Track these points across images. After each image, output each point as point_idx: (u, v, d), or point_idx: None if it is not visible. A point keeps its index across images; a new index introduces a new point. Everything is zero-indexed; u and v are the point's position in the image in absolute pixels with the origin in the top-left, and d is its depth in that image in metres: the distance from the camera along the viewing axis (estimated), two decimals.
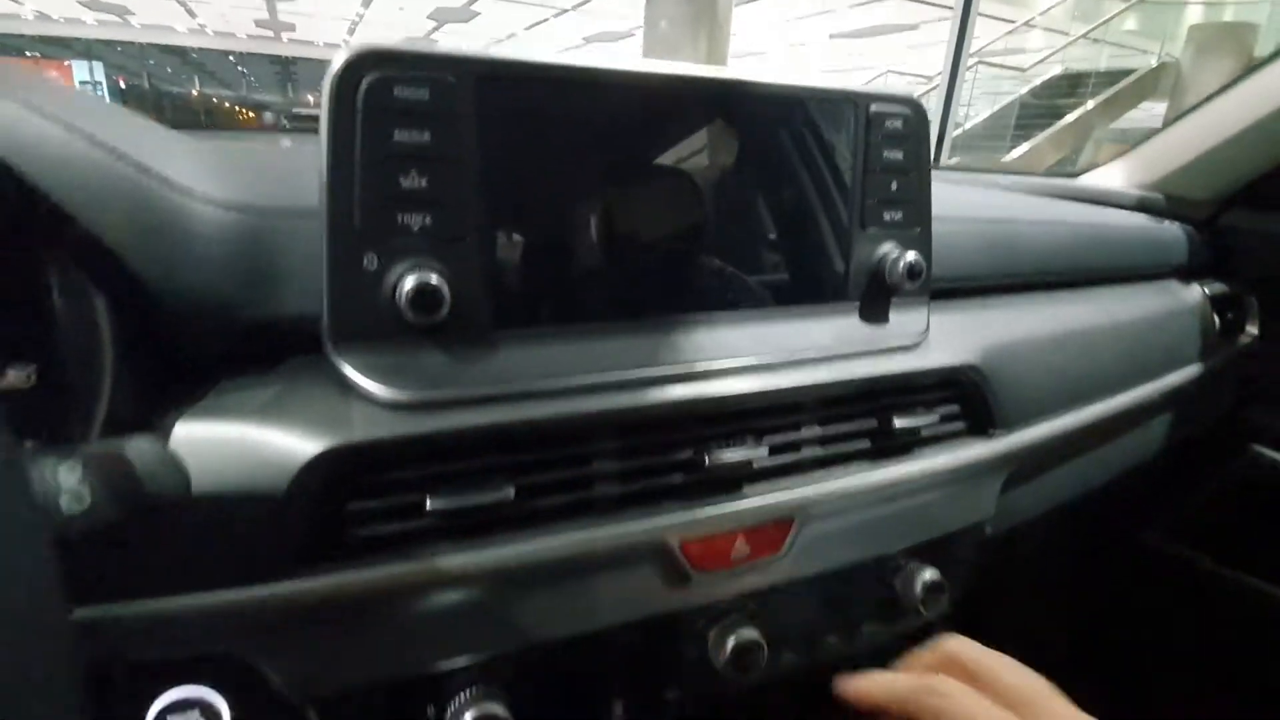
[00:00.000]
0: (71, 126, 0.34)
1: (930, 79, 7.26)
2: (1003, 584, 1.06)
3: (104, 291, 0.34)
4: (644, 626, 0.45)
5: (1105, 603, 1.11)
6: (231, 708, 0.38)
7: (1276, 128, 0.86)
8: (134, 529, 0.27)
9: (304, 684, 0.37)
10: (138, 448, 0.25)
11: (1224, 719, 1.03)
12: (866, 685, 0.37)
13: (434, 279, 0.36)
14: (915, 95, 0.51)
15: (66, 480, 0.24)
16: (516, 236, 0.41)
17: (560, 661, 0.43)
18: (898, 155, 0.50)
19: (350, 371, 0.38)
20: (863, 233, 0.51)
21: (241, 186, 0.41)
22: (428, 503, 0.37)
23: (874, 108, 0.49)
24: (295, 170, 0.45)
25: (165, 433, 0.34)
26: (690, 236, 0.47)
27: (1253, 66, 0.89)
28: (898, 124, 0.50)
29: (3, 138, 0.32)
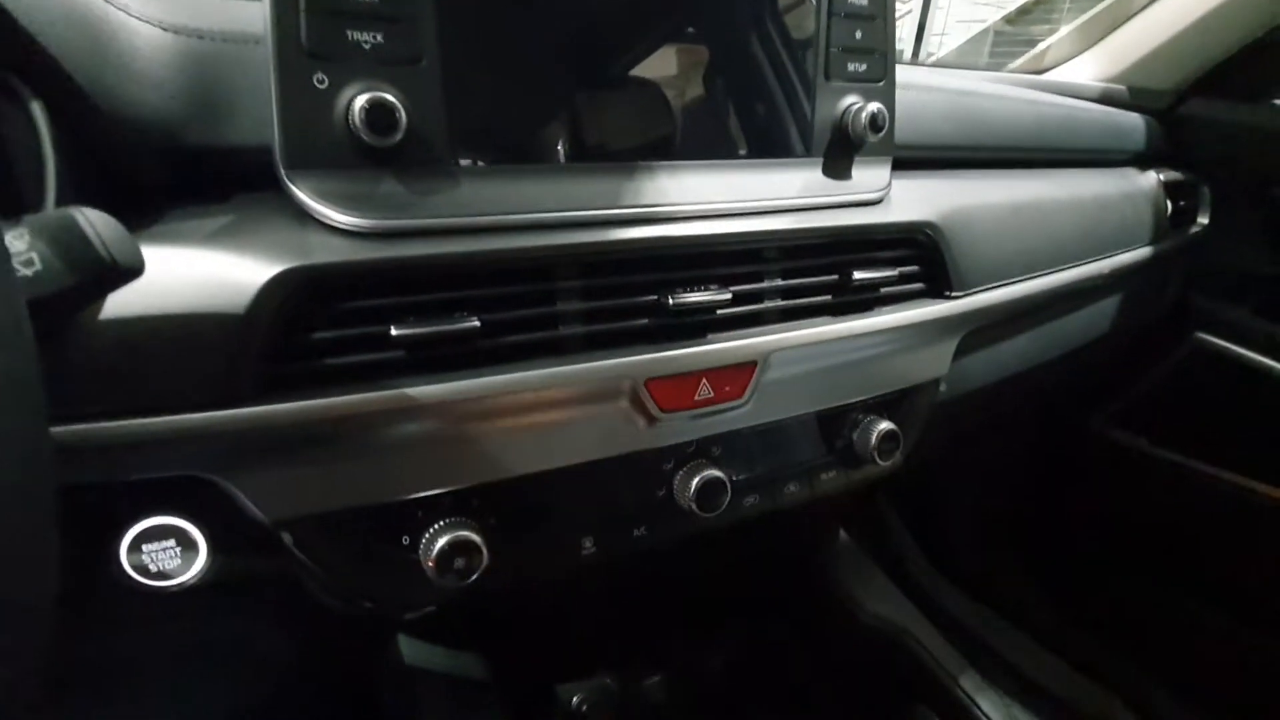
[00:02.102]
0: None
1: (906, 1, 7.08)
2: (956, 466, 1.12)
3: (39, 97, 0.32)
4: (613, 464, 0.46)
5: (1052, 485, 1.18)
6: (207, 536, 0.38)
7: (1232, 13, 0.87)
8: (90, 296, 0.27)
9: (277, 509, 0.38)
10: (85, 215, 0.25)
11: (1161, 594, 1.11)
12: None
13: (388, 97, 0.35)
14: None
15: (14, 245, 0.23)
16: (476, 63, 0.40)
17: (532, 496, 0.45)
18: (862, 0, 0.50)
19: (306, 198, 0.37)
20: (826, 84, 0.50)
21: (183, 11, 0.39)
22: (392, 330, 0.38)
23: None
24: (241, 7, 0.43)
25: None
26: (657, 83, 0.47)
27: None
28: None
29: None
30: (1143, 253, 0.83)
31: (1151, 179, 0.88)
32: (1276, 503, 0.96)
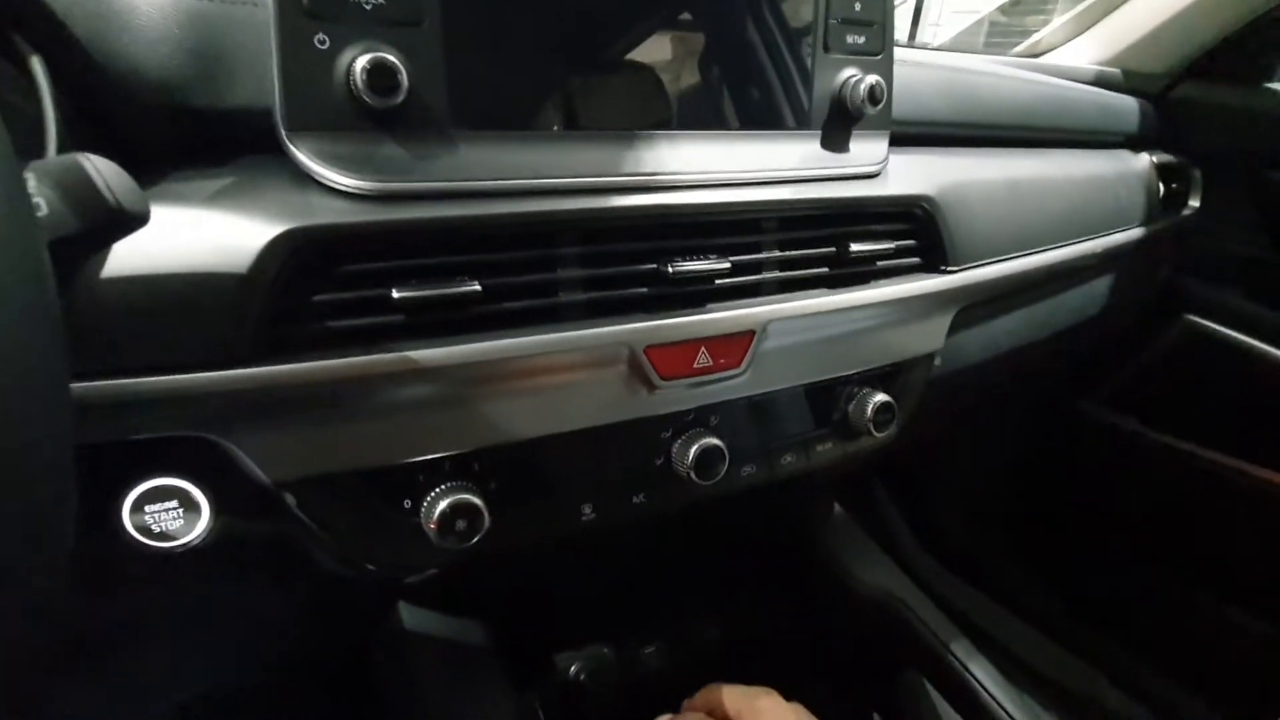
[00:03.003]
0: None
1: None
2: (949, 450, 1.13)
3: (39, 52, 0.32)
4: (613, 432, 0.47)
5: (1042, 467, 1.19)
6: (209, 498, 0.39)
7: None
8: (97, 243, 0.27)
9: (278, 470, 0.38)
10: (91, 161, 0.25)
11: (1149, 575, 1.13)
12: None
13: (390, 58, 0.35)
14: None
15: None
16: (477, 27, 0.40)
17: (532, 462, 0.45)
18: None
19: (307, 159, 0.37)
20: (825, 56, 0.51)
21: None
22: (394, 293, 0.38)
23: None
24: None
25: None
26: (656, 54, 0.47)
27: None
28: None
29: None
30: (1135, 233, 0.83)
31: (1144, 161, 0.89)
32: (1264, 484, 0.97)
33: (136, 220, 0.26)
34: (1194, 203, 0.97)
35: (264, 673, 0.58)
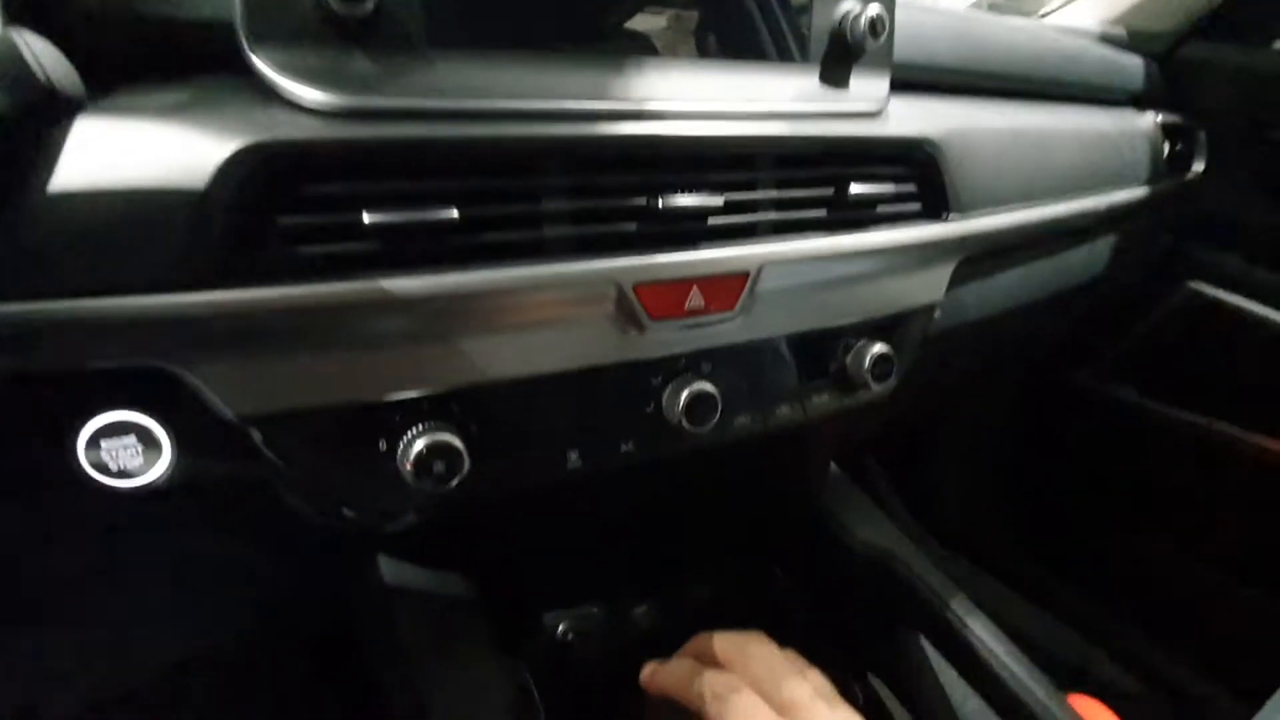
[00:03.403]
0: None
1: None
2: (945, 425, 1.12)
3: None
4: (601, 375, 0.45)
5: (1040, 439, 1.18)
6: (171, 434, 0.37)
7: None
8: (28, 129, 0.24)
9: (242, 404, 0.36)
10: (25, 39, 0.22)
11: (1149, 548, 1.12)
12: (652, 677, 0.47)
13: None
14: None
15: None
16: None
17: (516, 405, 0.43)
18: None
19: (271, 72, 0.34)
20: None
21: None
22: (365, 218, 0.35)
23: None
24: None
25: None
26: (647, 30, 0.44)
27: None
28: None
29: None
30: (1139, 192, 0.81)
31: (1149, 120, 0.86)
32: (1268, 455, 0.96)
33: (69, 103, 0.24)
34: (1198, 166, 0.95)
35: (241, 633, 0.56)
